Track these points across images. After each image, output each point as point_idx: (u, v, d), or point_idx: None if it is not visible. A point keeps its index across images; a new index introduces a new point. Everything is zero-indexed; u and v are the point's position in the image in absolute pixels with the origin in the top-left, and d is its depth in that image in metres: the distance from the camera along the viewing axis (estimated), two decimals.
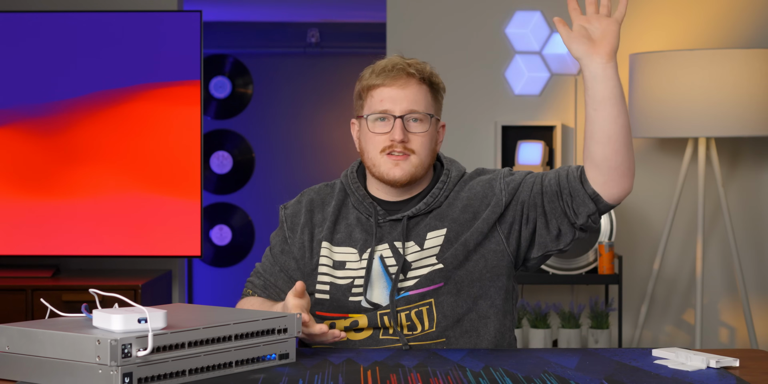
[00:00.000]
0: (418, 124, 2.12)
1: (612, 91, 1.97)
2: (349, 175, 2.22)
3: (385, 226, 2.15)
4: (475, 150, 4.32)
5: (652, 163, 4.31)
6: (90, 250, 4.10)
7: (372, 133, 2.13)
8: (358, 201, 2.17)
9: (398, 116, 2.11)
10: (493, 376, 1.75)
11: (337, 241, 2.16)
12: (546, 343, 4.09)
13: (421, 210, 2.14)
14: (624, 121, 1.98)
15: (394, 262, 2.11)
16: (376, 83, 2.13)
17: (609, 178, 2.02)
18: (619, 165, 2.00)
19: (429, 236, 2.12)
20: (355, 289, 2.12)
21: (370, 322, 2.10)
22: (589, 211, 2.06)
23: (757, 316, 4.27)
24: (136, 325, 1.63)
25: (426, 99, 2.14)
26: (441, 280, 2.09)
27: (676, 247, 4.32)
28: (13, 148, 4.10)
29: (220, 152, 6.61)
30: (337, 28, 6.60)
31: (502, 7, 4.31)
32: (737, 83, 3.82)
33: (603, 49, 1.95)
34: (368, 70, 2.17)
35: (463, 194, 2.16)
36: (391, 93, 2.12)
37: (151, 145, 4.09)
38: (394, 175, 2.11)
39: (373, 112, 2.13)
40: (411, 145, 2.11)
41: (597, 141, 1.99)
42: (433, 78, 2.16)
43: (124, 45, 4.09)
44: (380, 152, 2.12)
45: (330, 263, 2.15)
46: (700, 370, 1.80)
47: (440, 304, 2.09)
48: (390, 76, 2.12)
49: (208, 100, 6.59)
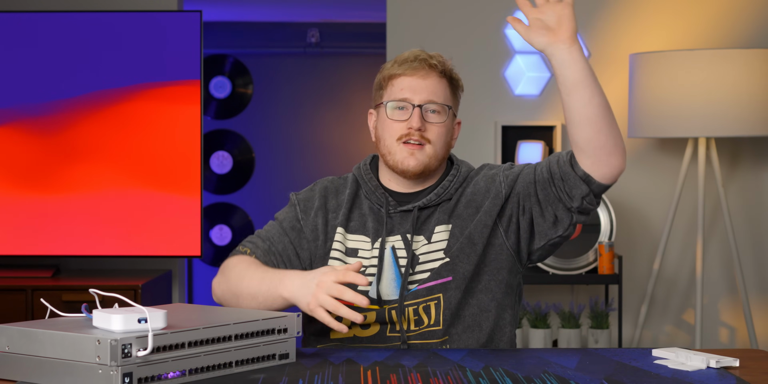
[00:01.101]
0: (436, 115, 2.15)
1: (581, 73, 1.97)
2: (362, 167, 2.24)
3: (395, 217, 2.16)
4: (475, 150, 4.32)
5: (652, 163, 4.31)
6: (90, 250, 4.10)
7: (390, 120, 2.15)
8: (371, 191, 2.19)
9: (417, 105, 2.13)
10: (493, 376, 1.75)
11: (351, 229, 2.18)
12: (546, 343, 4.09)
13: (431, 201, 2.16)
14: (599, 101, 1.98)
15: (405, 254, 2.13)
16: (397, 73, 2.16)
17: (596, 159, 2.02)
18: (604, 144, 2.00)
19: (437, 230, 2.14)
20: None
21: (378, 317, 2.10)
22: (582, 192, 2.06)
23: (757, 316, 4.27)
24: (136, 325, 1.63)
25: (445, 92, 2.18)
26: (449, 274, 2.11)
27: (676, 247, 4.32)
28: (14, 147, 4.10)
29: (220, 152, 6.61)
30: (337, 28, 6.60)
31: (501, 7, 4.31)
32: (737, 83, 3.82)
33: (563, 35, 1.95)
34: (389, 61, 2.20)
35: (468, 190, 2.19)
36: (411, 82, 2.15)
37: (150, 144, 4.09)
38: (408, 164, 2.13)
39: (392, 99, 2.15)
40: (427, 135, 2.14)
41: (577, 124, 2.00)
42: (453, 74, 2.20)
43: (124, 45, 4.09)
44: (397, 140, 2.14)
45: (343, 249, 2.16)
46: (700, 370, 1.80)
47: (448, 299, 2.10)
48: (412, 66, 2.15)
49: (208, 100, 6.59)
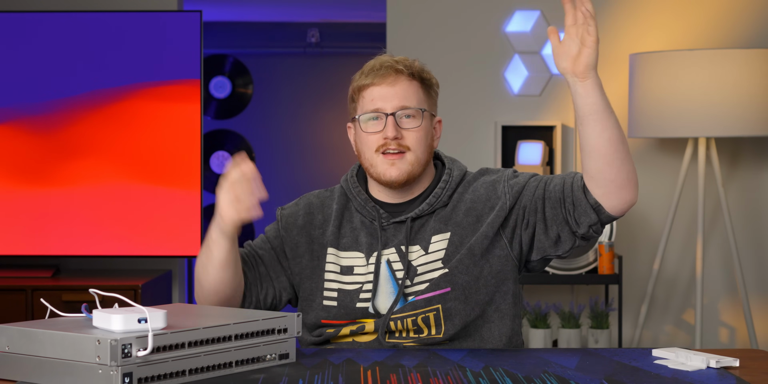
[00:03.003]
0: (411, 120, 2.10)
1: (593, 107, 1.94)
2: (349, 179, 2.19)
3: (389, 229, 2.13)
4: (475, 150, 4.32)
5: (652, 163, 4.31)
6: (90, 250, 4.10)
7: (365, 133, 2.11)
8: (361, 205, 2.15)
9: (390, 113, 2.09)
10: (493, 376, 1.75)
11: (343, 246, 2.14)
12: (546, 343, 4.09)
13: (424, 211, 2.12)
14: (611, 135, 1.94)
15: (401, 267, 2.10)
16: (366, 83, 2.12)
17: (606, 190, 1.99)
18: (615, 178, 1.97)
19: (433, 240, 2.10)
20: (363, 294, 2.10)
21: (376, 326, 2.09)
22: (591, 221, 2.03)
23: (757, 316, 4.27)
24: (136, 325, 1.63)
25: (417, 95, 2.12)
26: (447, 285, 2.07)
27: (676, 247, 4.32)
28: (14, 146, 4.10)
29: (220, 152, 6.61)
30: (337, 28, 6.61)
31: (502, 7, 4.31)
32: (737, 83, 3.82)
33: (578, 68, 1.92)
34: (358, 73, 2.16)
35: (467, 196, 2.14)
36: (381, 91, 2.11)
37: (150, 144, 4.09)
38: (390, 175, 2.09)
39: (365, 111, 2.11)
40: (405, 142, 2.09)
41: (587, 154, 1.97)
42: (423, 74, 2.14)
43: (125, 45, 4.09)
44: (375, 152, 2.10)
45: (337, 269, 2.13)
46: (700, 370, 1.80)
47: (447, 310, 2.07)
48: (379, 74, 2.11)
49: (208, 100, 6.59)
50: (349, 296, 2.10)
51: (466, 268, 2.08)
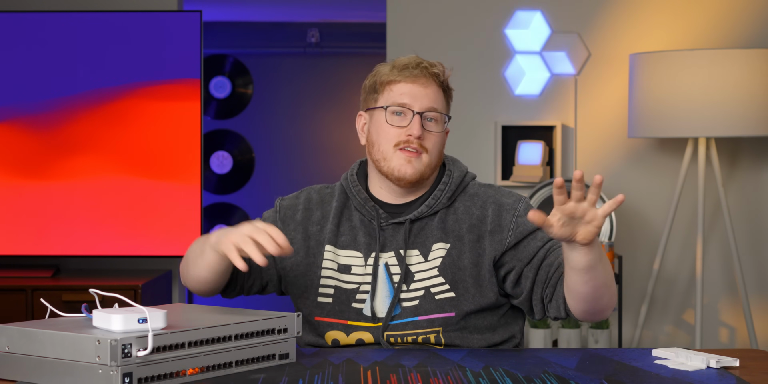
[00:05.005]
0: (435, 124, 2.11)
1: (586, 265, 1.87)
2: (350, 177, 2.19)
3: (387, 230, 2.12)
4: (475, 150, 4.32)
5: (652, 163, 4.31)
6: (90, 250, 4.10)
7: (388, 124, 2.10)
8: (360, 204, 2.14)
9: (417, 112, 2.10)
10: (493, 376, 1.75)
11: (341, 244, 2.14)
12: (546, 343, 4.09)
13: (423, 213, 2.12)
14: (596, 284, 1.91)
15: (399, 271, 2.10)
16: (397, 79, 2.12)
17: (584, 318, 2.02)
18: (594, 313, 1.99)
19: (434, 247, 2.10)
20: (360, 295, 2.10)
21: (375, 339, 2.09)
22: (560, 316, 2.05)
23: (757, 316, 4.27)
24: (136, 325, 1.63)
25: (442, 101, 2.14)
26: (452, 310, 2.08)
27: (676, 247, 4.32)
28: (14, 144, 4.10)
29: (220, 152, 6.61)
30: (337, 28, 6.61)
31: (502, 7, 4.31)
32: (737, 83, 3.82)
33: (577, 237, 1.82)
34: (385, 66, 2.15)
35: (474, 211, 2.13)
36: (413, 89, 2.11)
37: (151, 144, 4.09)
38: (405, 171, 2.08)
39: (392, 103, 2.11)
40: (426, 143, 2.10)
41: (570, 295, 1.98)
42: (449, 84, 2.17)
43: (125, 45, 4.09)
44: (394, 146, 2.09)
45: (335, 267, 2.13)
46: (700, 370, 1.80)
47: (448, 334, 2.07)
48: (413, 73, 2.11)
49: (208, 100, 6.59)
50: (345, 295, 2.11)
51: (473, 297, 2.08)
